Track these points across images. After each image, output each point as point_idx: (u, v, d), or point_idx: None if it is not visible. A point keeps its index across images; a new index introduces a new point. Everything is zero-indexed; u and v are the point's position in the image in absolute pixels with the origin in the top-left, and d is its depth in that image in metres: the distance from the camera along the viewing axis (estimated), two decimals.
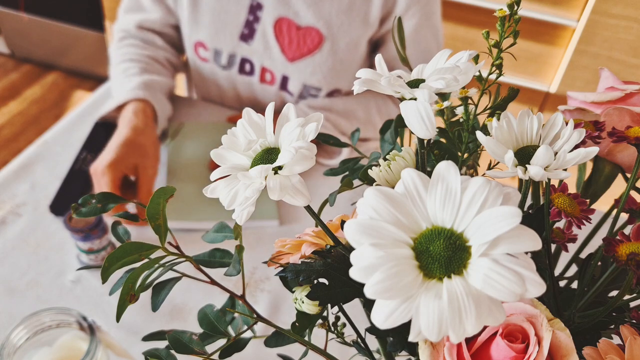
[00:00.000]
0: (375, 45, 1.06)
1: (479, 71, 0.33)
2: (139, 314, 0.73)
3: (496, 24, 0.34)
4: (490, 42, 0.34)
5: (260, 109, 1.11)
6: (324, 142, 0.47)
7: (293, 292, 0.38)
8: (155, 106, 0.96)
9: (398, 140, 0.44)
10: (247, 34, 1.00)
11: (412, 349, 0.34)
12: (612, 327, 0.35)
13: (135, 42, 1.06)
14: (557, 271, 0.39)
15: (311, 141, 0.30)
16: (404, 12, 0.96)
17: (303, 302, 0.37)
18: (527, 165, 0.29)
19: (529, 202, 0.37)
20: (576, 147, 0.30)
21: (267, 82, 1.06)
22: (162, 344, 0.41)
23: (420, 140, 0.34)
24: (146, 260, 0.35)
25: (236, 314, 0.46)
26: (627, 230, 0.34)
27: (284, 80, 1.04)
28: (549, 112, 1.85)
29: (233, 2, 0.98)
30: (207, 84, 1.13)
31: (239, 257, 0.39)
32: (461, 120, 0.36)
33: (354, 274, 0.23)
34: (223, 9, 0.99)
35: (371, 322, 0.32)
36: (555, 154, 0.29)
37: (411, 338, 0.23)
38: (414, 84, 0.32)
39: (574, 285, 0.40)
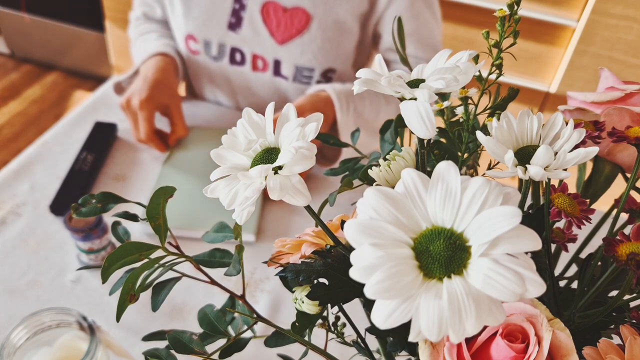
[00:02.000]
0: (371, 31, 1.06)
1: (479, 71, 0.33)
2: (139, 314, 0.73)
3: (496, 24, 0.34)
4: (490, 42, 0.34)
5: (255, 100, 1.11)
6: (324, 142, 0.47)
7: (293, 292, 0.38)
8: (176, 59, 1.06)
9: (398, 140, 0.44)
10: (235, 23, 1.01)
11: (412, 349, 0.34)
12: (612, 327, 0.35)
13: (150, 21, 1.16)
14: (557, 271, 0.39)
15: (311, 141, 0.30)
16: None
17: (303, 302, 0.37)
18: (527, 165, 0.29)
19: (529, 202, 0.37)
20: (576, 147, 0.30)
21: (259, 70, 1.06)
22: (162, 344, 0.41)
23: (420, 140, 0.34)
24: (146, 260, 0.35)
25: (236, 314, 0.46)
26: (627, 230, 0.34)
27: (277, 65, 1.05)
28: (549, 112, 1.85)
29: None
30: (200, 78, 1.14)
31: (239, 257, 0.39)
32: (461, 120, 0.36)
33: (354, 274, 0.23)
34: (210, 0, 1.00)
35: (371, 322, 0.32)
36: (555, 154, 0.29)
37: (411, 338, 0.23)
38: (414, 84, 0.32)
39: (574, 285, 0.40)
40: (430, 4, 1.02)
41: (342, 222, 0.36)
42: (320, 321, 0.39)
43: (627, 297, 0.33)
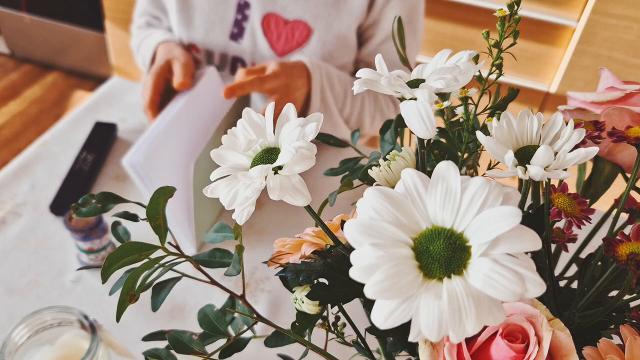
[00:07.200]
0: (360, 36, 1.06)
1: (479, 71, 0.33)
2: (139, 314, 0.73)
3: (496, 24, 0.34)
4: (490, 42, 0.34)
5: (254, 109, 1.11)
6: (324, 141, 0.47)
7: (293, 292, 0.38)
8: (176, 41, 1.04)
9: (398, 140, 0.44)
10: (237, 33, 1.01)
11: (412, 349, 0.34)
12: (612, 327, 0.35)
13: (153, 27, 1.15)
14: (557, 271, 0.39)
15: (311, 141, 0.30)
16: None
17: (303, 302, 0.37)
18: (527, 165, 0.29)
19: (529, 202, 0.37)
20: (576, 147, 0.30)
21: None
22: (162, 344, 0.41)
23: (420, 140, 0.34)
24: (146, 260, 0.35)
25: (236, 314, 0.46)
26: (627, 230, 0.34)
27: None
28: (549, 112, 1.85)
29: (221, 2, 0.99)
30: None
31: (239, 257, 0.39)
32: (461, 120, 0.36)
33: (354, 274, 0.23)
34: (212, 9, 1.00)
35: (371, 322, 0.32)
36: (555, 154, 0.29)
37: (411, 338, 0.23)
38: (414, 84, 0.32)
39: (574, 285, 0.40)
40: (416, 24, 1.03)
41: (342, 222, 0.36)
42: (320, 321, 0.39)
43: (627, 297, 0.33)
